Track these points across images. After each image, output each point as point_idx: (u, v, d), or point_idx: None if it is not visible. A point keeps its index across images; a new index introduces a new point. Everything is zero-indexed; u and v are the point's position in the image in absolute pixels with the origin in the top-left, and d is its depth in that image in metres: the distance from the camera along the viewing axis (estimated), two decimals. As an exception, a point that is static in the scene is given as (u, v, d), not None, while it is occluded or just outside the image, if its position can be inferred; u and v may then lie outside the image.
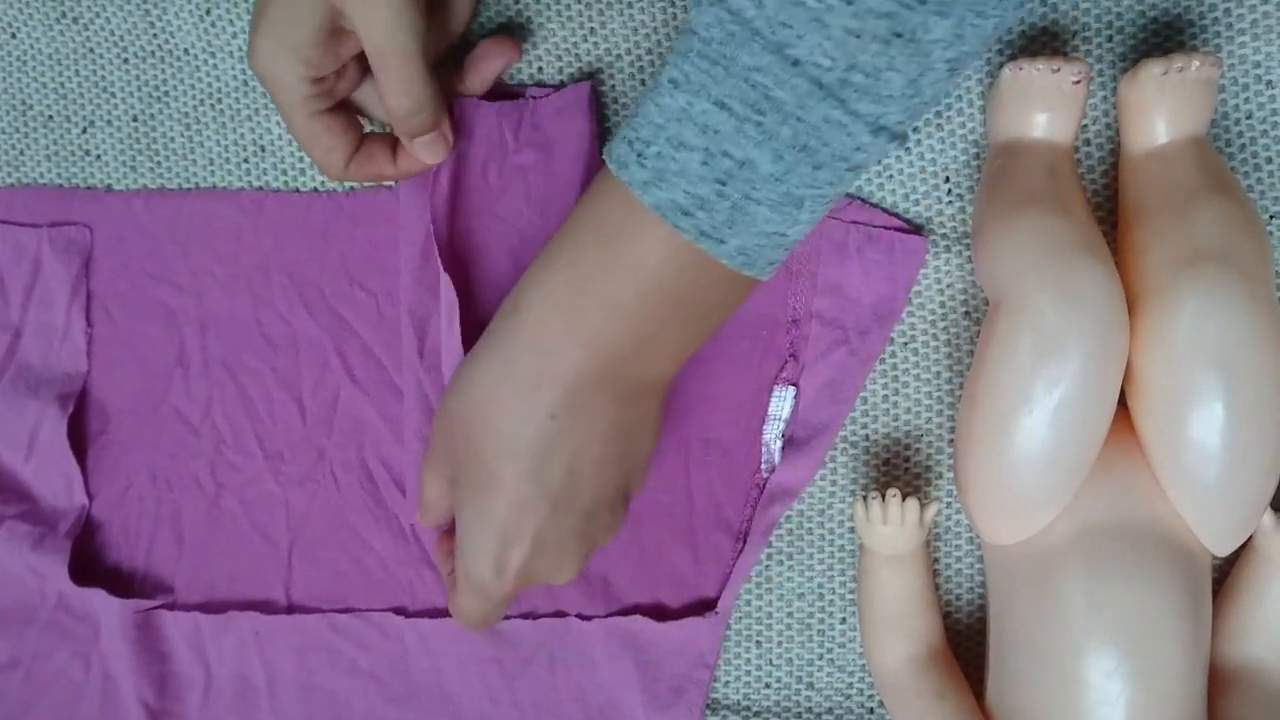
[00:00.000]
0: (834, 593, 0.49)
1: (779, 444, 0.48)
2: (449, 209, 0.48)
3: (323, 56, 0.42)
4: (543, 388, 0.39)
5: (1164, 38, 0.46)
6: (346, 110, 0.46)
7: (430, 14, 0.43)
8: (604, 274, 0.38)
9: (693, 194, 0.35)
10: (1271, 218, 0.45)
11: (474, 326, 0.48)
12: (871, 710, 0.48)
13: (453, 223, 0.48)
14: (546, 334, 0.39)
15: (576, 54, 0.49)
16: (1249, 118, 0.45)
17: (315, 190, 0.51)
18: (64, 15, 0.52)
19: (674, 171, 0.35)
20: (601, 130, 0.49)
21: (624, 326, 0.38)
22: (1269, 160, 0.45)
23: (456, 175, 0.48)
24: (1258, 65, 0.45)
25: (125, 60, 0.52)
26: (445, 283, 0.46)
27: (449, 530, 0.46)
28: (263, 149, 0.51)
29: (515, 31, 0.49)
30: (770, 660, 0.49)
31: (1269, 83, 0.45)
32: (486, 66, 0.47)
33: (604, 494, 0.41)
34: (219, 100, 0.52)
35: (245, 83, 0.51)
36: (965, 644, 0.48)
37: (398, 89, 0.42)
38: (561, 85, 0.49)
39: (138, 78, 0.52)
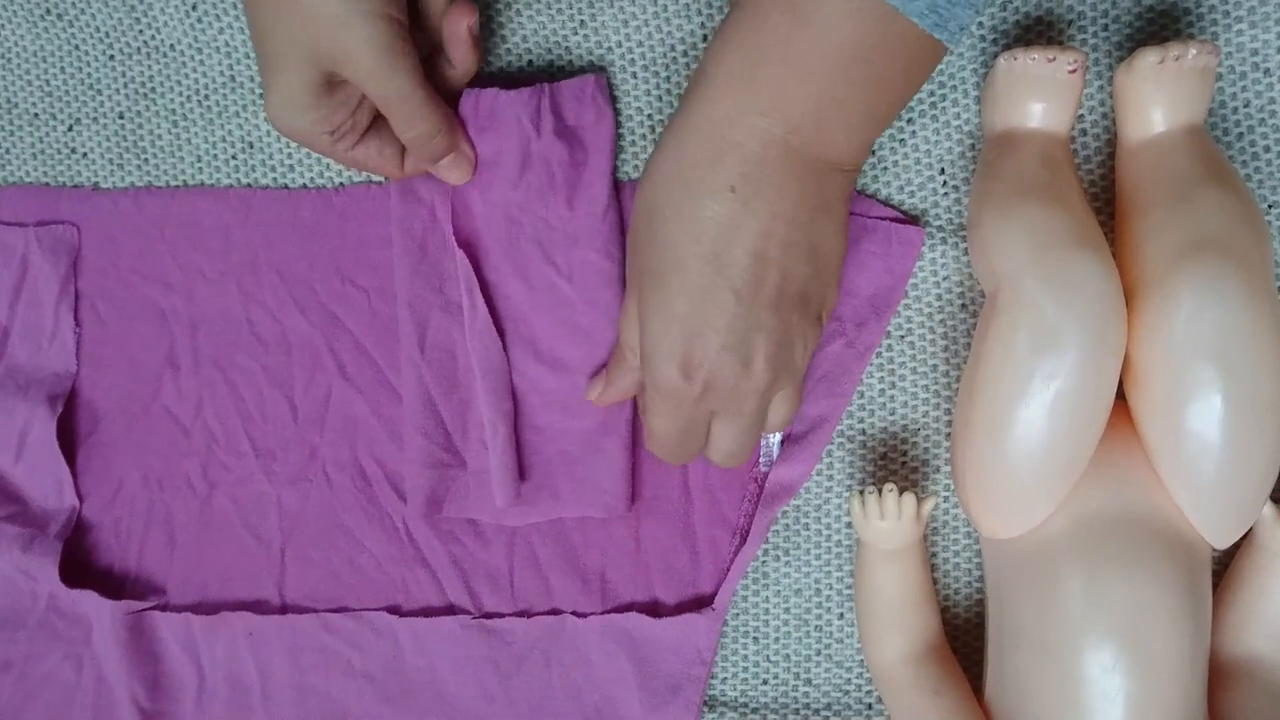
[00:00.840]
0: (831, 588, 0.48)
1: (777, 439, 0.48)
2: (469, 199, 0.48)
3: (330, 109, 0.43)
4: (723, 158, 0.38)
5: (1160, 26, 0.45)
6: (381, 125, 0.46)
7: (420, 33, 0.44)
8: (787, 36, 0.36)
9: None
10: (1270, 207, 0.45)
11: (497, 317, 0.48)
12: (870, 706, 0.48)
13: (472, 212, 0.48)
14: (726, 103, 0.37)
15: (567, 46, 0.49)
16: (1246, 106, 0.45)
17: (304, 187, 0.51)
18: (49, 11, 0.51)
19: None
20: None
21: (806, 91, 0.37)
22: (1267, 149, 0.45)
23: (477, 165, 0.48)
24: (1255, 53, 0.45)
25: (111, 57, 0.52)
26: (461, 259, 0.46)
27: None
28: (251, 145, 0.51)
29: (506, 25, 0.49)
30: (768, 656, 0.49)
31: (1266, 70, 0.45)
32: (458, 36, 0.45)
33: (793, 291, 0.39)
34: (206, 97, 0.51)
35: (232, 79, 0.51)
36: (963, 639, 0.48)
37: (406, 124, 0.44)
38: (554, 78, 0.48)
39: (124, 75, 0.52)
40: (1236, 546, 0.43)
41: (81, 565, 0.52)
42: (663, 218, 0.39)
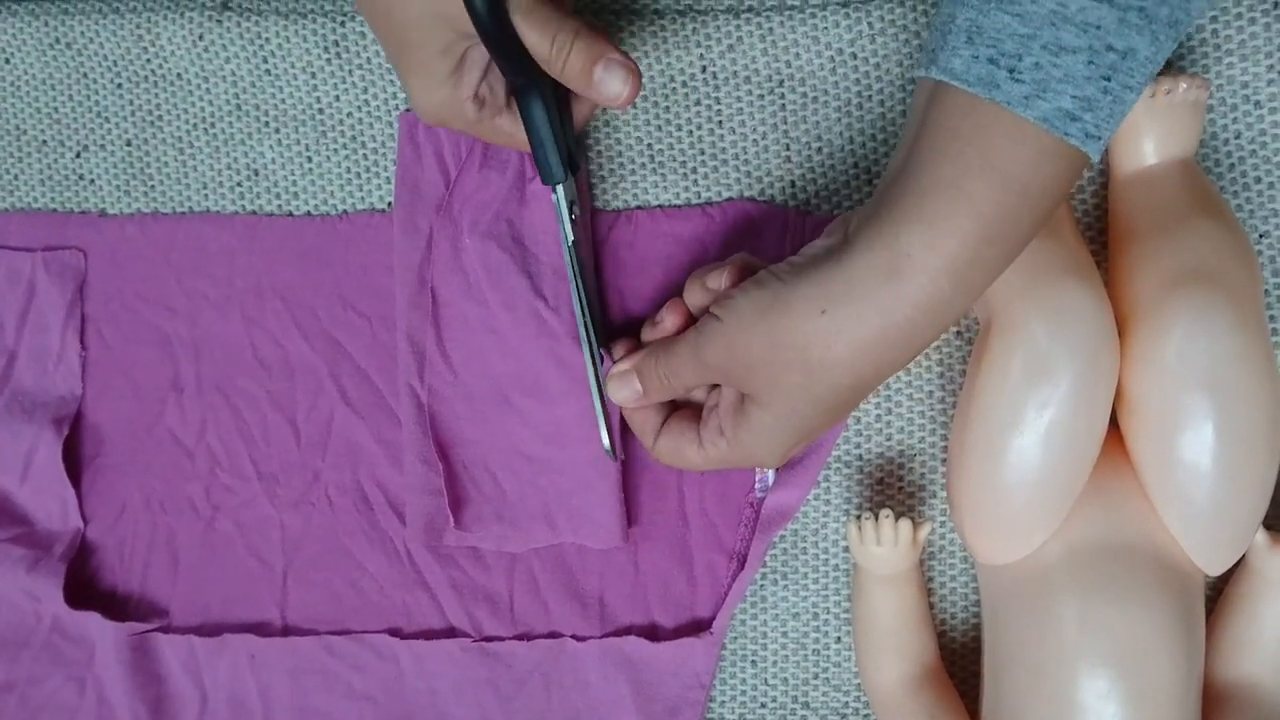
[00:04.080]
0: (828, 612, 0.49)
1: (772, 464, 0.48)
2: (460, 233, 0.49)
3: (469, 74, 0.43)
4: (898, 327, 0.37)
5: (1152, 59, 0.46)
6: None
7: None
8: (968, 193, 0.35)
9: (1080, 97, 0.34)
10: (1261, 237, 0.46)
11: (486, 349, 0.48)
12: (867, 730, 0.49)
13: (463, 245, 0.49)
14: (935, 289, 0.36)
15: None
16: (1237, 138, 0.46)
17: (308, 214, 0.52)
18: (57, 40, 0.52)
19: (1057, 79, 0.34)
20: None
21: (985, 236, 0.35)
22: (1257, 180, 0.46)
23: (467, 197, 0.49)
24: (1245, 85, 0.45)
25: (119, 85, 0.52)
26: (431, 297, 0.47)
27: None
28: (256, 173, 0.52)
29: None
30: (765, 680, 0.49)
31: (1257, 103, 0.45)
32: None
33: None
34: (212, 125, 0.52)
35: (238, 107, 0.51)
36: (959, 663, 0.48)
37: (537, 39, 0.41)
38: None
39: (131, 102, 0.52)
40: (1230, 572, 0.44)
41: (85, 587, 0.52)
42: (820, 358, 0.38)
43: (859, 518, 0.44)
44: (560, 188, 0.45)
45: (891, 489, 0.48)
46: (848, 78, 0.48)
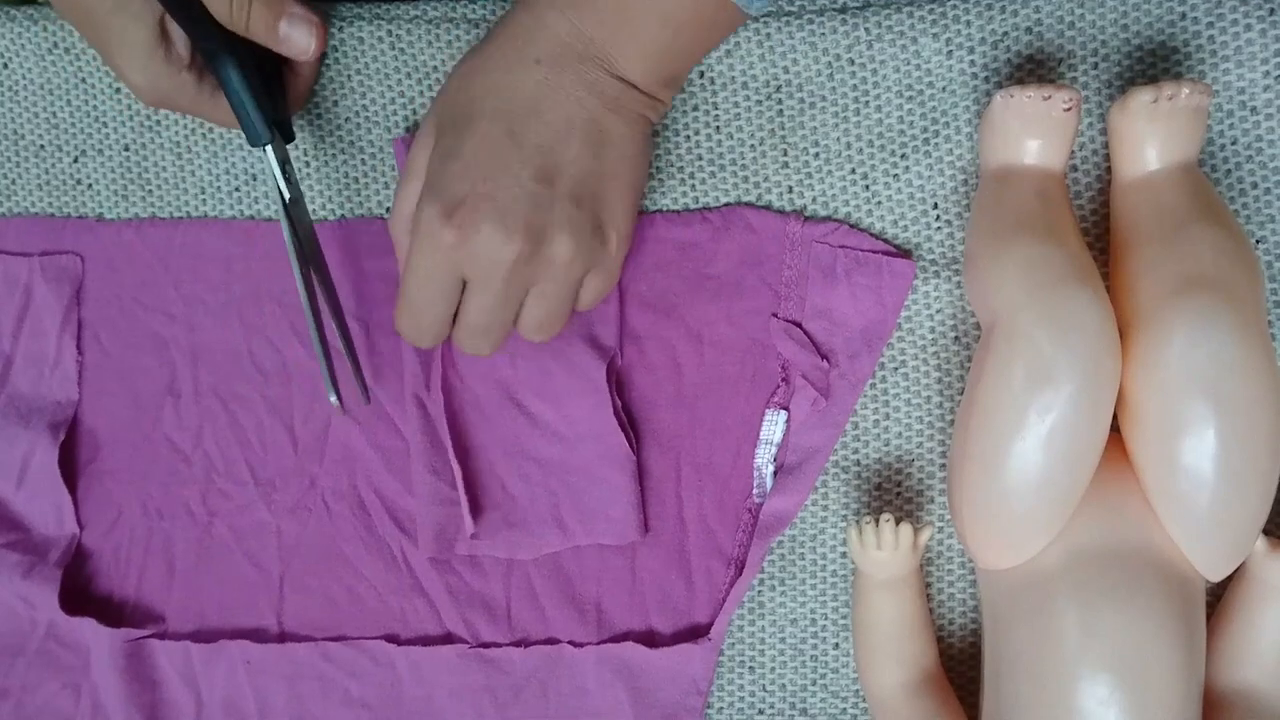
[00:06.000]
0: (826, 618, 0.49)
1: (770, 468, 0.48)
2: None
3: (175, 45, 0.44)
4: (534, 38, 0.41)
5: (1149, 65, 0.46)
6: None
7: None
8: None
9: None
10: (1258, 242, 0.46)
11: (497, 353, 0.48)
12: (866, 736, 0.48)
13: None
14: (537, 6, 0.41)
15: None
16: (1234, 143, 0.46)
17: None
18: (55, 45, 0.52)
19: None
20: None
21: (607, 2, 0.40)
22: (1254, 185, 0.46)
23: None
24: (1242, 91, 0.45)
25: (116, 90, 0.52)
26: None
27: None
28: (254, 178, 0.52)
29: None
30: (764, 686, 0.49)
31: (1253, 109, 0.45)
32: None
33: (575, 186, 0.41)
34: (210, 129, 0.52)
35: (237, 111, 0.51)
36: (959, 668, 0.48)
37: (217, 1, 0.42)
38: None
39: (129, 107, 0.52)
40: (1230, 578, 0.43)
41: (81, 593, 0.52)
42: (468, 84, 0.41)
43: (859, 522, 0.44)
44: (269, 149, 0.46)
45: (889, 494, 0.48)
46: (845, 83, 0.48)
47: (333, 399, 0.47)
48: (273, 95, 0.46)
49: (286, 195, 0.46)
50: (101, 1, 0.42)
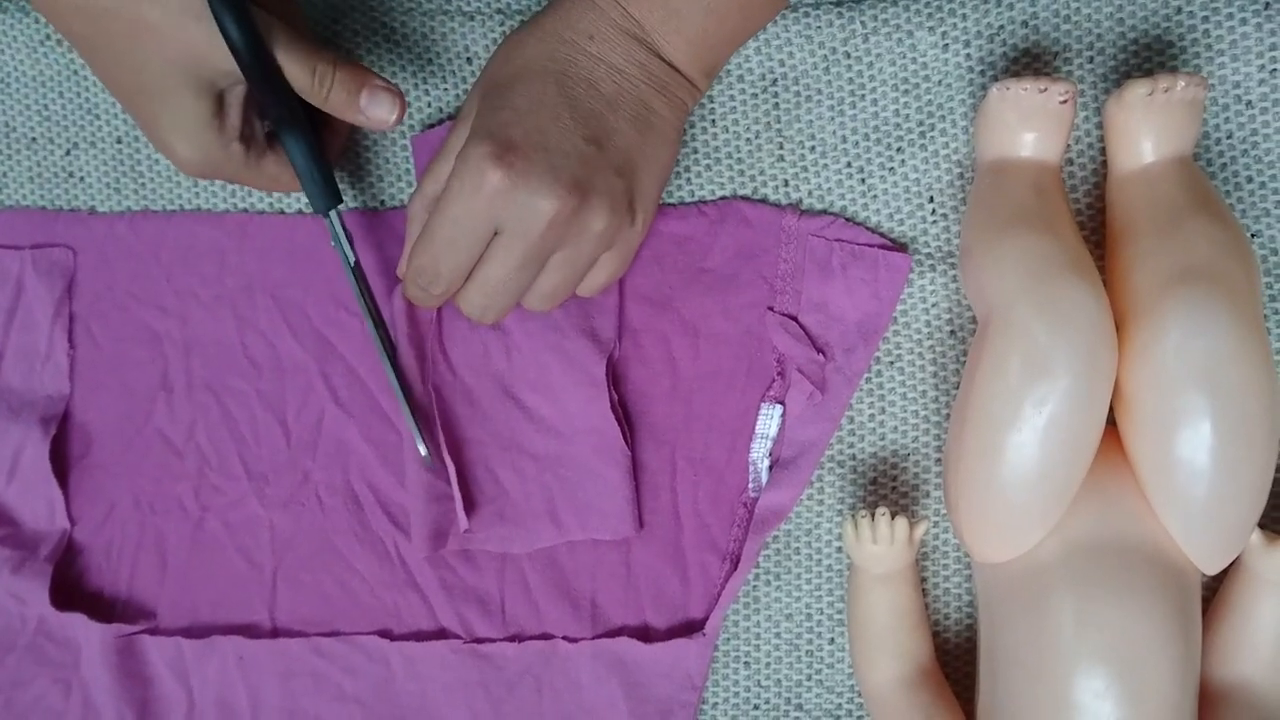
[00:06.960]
0: (822, 613, 0.49)
1: (766, 463, 0.48)
2: None
3: (230, 117, 0.43)
4: (585, 15, 0.41)
5: (1144, 59, 0.46)
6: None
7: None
8: None
9: None
10: (1253, 236, 0.46)
11: (492, 347, 0.49)
12: (861, 731, 0.48)
13: None
14: None
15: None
16: (1229, 137, 0.46)
17: (300, 212, 0.51)
18: (48, 38, 0.52)
19: None
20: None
21: None
22: (1249, 179, 0.46)
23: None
24: (1237, 85, 0.45)
25: (109, 82, 0.52)
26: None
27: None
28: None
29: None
30: (759, 681, 0.49)
31: (1248, 103, 0.45)
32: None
33: (620, 158, 0.41)
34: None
35: (230, 104, 0.51)
36: (955, 663, 0.48)
37: (299, 71, 0.41)
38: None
39: (122, 99, 0.52)
40: (1226, 571, 0.43)
41: (72, 588, 0.51)
42: (524, 48, 0.41)
43: (855, 516, 0.44)
44: (334, 213, 0.46)
45: (885, 488, 0.48)
46: (841, 76, 0.48)
47: (421, 449, 0.47)
48: (325, 162, 0.46)
49: (352, 258, 0.47)
50: (162, 77, 0.40)
